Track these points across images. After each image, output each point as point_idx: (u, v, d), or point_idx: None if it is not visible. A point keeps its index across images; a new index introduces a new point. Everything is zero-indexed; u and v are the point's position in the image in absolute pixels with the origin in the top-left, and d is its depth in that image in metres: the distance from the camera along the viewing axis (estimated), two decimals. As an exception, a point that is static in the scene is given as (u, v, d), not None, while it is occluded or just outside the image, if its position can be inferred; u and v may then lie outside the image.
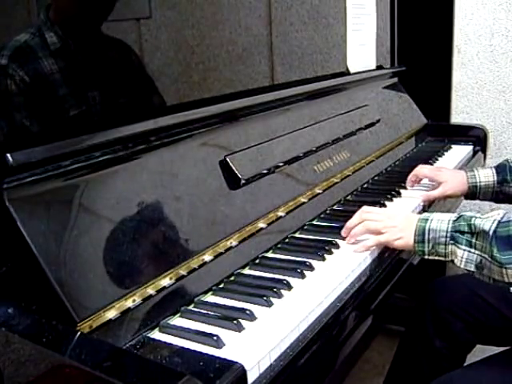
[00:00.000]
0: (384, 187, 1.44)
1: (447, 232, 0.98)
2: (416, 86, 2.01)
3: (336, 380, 1.77)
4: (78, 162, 0.81)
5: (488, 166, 1.44)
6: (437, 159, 1.75)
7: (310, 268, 0.97)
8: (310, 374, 0.81)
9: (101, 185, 0.84)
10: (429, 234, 1.00)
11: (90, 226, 0.79)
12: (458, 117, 2.12)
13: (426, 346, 1.30)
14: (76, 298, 0.72)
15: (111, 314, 0.75)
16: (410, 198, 1.37)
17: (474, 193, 1.40)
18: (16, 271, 0.72)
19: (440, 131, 1.99)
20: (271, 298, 0.86)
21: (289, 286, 0.90)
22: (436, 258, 1.01)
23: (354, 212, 1.18)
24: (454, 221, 0.98)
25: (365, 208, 1.12)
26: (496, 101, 2.05)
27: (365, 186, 1.45)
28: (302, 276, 0.94)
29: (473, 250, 0.95)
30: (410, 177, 1.45)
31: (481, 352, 1.26)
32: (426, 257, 1.02)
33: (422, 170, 1.44)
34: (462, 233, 0.96)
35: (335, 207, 1.29)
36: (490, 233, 0.92)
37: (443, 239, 0.98)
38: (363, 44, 1.78)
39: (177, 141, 0.99)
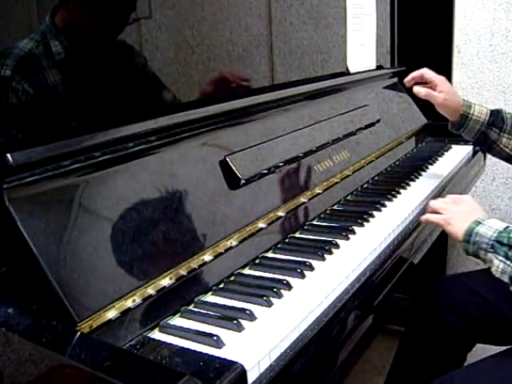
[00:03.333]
0: (384, 187, 1.44)
1: (489, 240, 1.01)
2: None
3: (336, 380, 1.77)
4: (77, 162, 0.81)
5: (486, 107, 1.44)
6: (437, 159, 1.75)
7: (310, 268, 0.97)
8: (310, 374, 0.81)
9: (101, 185, 0.84)
10: (475, 237, 1.03)
11: (90, 226, 0.79)
12: (458, 117, 2.11)
13: (426, 345, 1.30)
14: (76, 298, 0.72)
15: (111, 313, 0.75)
16: (410, 197, 1.37)
17: (462, 123, 1.42)
18: (16, 271, 0.72)
19: (440, 131, 1.98)
20: (271, 298, 0.86)
21: (289, 286, 0.90)
22: (477, 259, 1.04)
23: (354, 212, 1.20)
24: (500, 231, 1.00)
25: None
26: (496, 101, 2.05)
27: (365, 186, 1.45)
28: (302, 276, 0.94)
29: (508, 262, 0.97)
30: (415, 74, 1.45)
31: (481, 352, 1.26)
32: (470, 256, 1.05)
33: (428, 71, 1.45)
34: (502, 244, 0.98)
35: (335, 207, 1.29)
36: None
37: (484, 245, 1.01)
38: (363, 44, 1.78)
39: (177, 141, 0.99)
